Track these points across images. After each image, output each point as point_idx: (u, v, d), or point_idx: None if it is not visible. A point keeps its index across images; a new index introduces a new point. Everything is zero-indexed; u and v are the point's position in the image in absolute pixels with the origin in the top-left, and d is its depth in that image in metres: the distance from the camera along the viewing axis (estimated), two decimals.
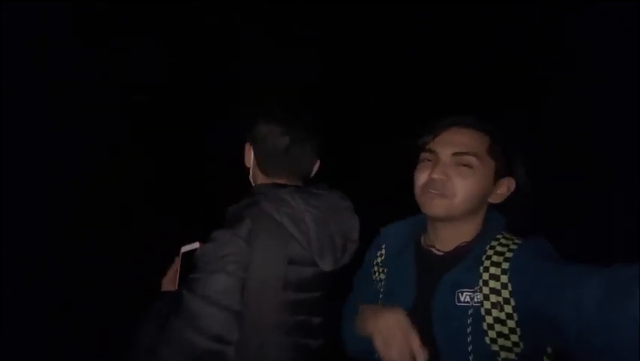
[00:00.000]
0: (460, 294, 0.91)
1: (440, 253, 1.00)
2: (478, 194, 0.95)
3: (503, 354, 0.86)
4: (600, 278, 0.71)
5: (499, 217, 1.01)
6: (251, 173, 1.16)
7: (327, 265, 1.05)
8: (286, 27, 3.56)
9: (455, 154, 0.95)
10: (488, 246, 0.93)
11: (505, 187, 0.98)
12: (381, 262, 1.12)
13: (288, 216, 1.00)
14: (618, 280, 0.68)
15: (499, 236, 0.95)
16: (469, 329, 0.88)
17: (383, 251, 1.13)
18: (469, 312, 0.88)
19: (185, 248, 1.15)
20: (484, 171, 0.95)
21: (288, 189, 1.04)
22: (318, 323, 1.09)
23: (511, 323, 0.85)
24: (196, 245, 1.12)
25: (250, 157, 1.14)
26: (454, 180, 0.94)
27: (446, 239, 1.00)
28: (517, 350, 0.85)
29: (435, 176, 0.94)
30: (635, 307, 0.63)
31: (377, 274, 1.12)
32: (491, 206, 1.01)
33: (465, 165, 0.94)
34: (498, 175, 0.97)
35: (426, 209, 0.97)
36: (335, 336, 1.15)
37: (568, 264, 0.80)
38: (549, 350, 0.92)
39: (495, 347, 0.86)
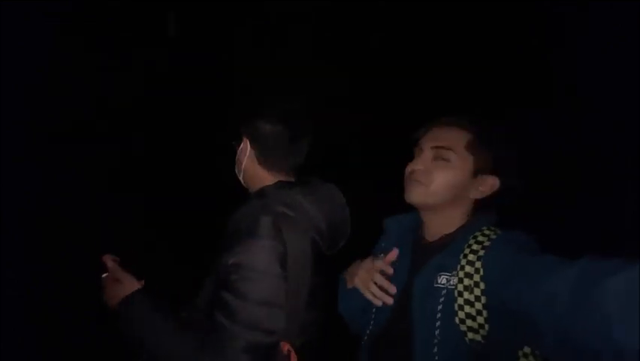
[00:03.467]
0: (439, 277, 0.98)
1: (428, 242, 1.09)
2: (452, 185, 1.03)
3: (470, 335, 0.91)
4: (573, 269, 0.72)
5: (489, 214, 1.07)
6: (247, 172, 1.16)
7: (328, 250, 1.15)
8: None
9: (434, 148, 1.05)
10: (472, 236, 1.00)
11: (488, 185, 1.04)
12: (382, 253, 1.21)
13: (304, 216, 1.07)
14: (590, 271, 0.70)
15: (484, 228, 1.02)
16: (439, 307, 0.95)
17: (384, 243, 1.21)
18: (442, 292, 0.96)
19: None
20: (461, 165, 1.03)
21: (297, 190, 1.10)
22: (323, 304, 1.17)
23: (478, 305, 0.91)
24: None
25: (247, 155, 1.14)
26: (433, 171, 1.04)
27: (432, 229, 1.09)
28: (482, 332, 0.90)
29: (415, 167, 1.06)
30: (604, 300, 0.65)
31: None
32: (481, 203, 1.07)
33: (442, 159, 1.04)
34: (478, 171, 1.03)
35: (406, 196, 1.07)
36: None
37: (545, 257, 0.83)
38: (527, 350, 0.96)
39: (463, 328, 0.92)
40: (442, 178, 1.02)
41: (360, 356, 1.14)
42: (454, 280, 0.95)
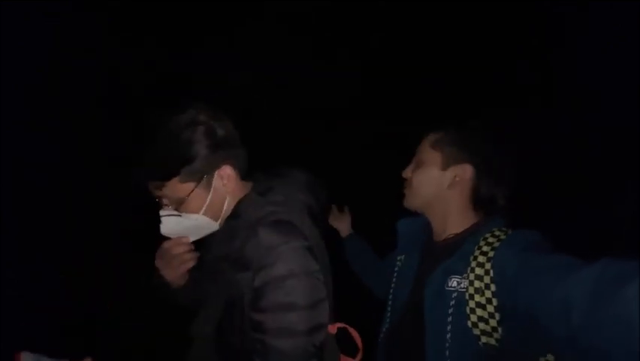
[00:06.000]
0: (449, 280, 0.99)
1: (436, 243, 1.14)
2: (426, 182, 1.12)
3: (484, 338, 0.90)
4: (590, 272, 0.68)
5: (499, 216, 1.10)
6: (220, 202, 1.01)
7: None
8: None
9: (414, 157, 1.19)
10: (482, 238, 1.00)
11: (460, 172, 1.10)
12: (399, 251, 1.29)
13: (309, 215, 1.02)
14: (610, 275, 0.65)
15: (494, 230, 1.03)
16: (450, 311, 0.95)
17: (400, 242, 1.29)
18: (453, 295, 0.95)
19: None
20: (430, 162, 1.13)
21: (295, 188, 1.05)
22: None
23: (490, 308, 0.89)
24: None
25: (228, 181, 1.00)
26: (411, 176, 1.16)
27: (436, 229, 1.14)
28: (496, 335, 0.89)
29: (403, 175, 1.19)
30: (627, 306, 0.60)
31: (398, 262, 1.28)
32: (484, 204, 1.11)
33: (418, 163, 1.16)
34: (448, 164, 1.11)
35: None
36: None
37: (558, 257, 0.80)
38: (549, 357, 0.91)
39: (476, 331, 0.90)
40: (416, 177, 1.14)
41: (377, 352, 1.17)
42: (465, 283, 0.94)
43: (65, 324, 2.51)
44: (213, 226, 1.02)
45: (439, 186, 1.11)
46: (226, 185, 1.00)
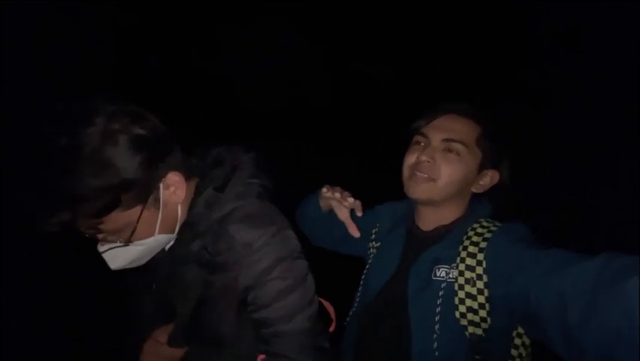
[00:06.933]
0: (437, 269, 0.94)
1: (422, 232, 1.05)
2: (460, 180, 0.98)
3: (471, 329, 0.88)
4: (592, 266, 0.67)
5: (485, 205, 1.05)
6: (173, 212, 0.90)
7: None
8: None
9: (445, 140, 0.98)
10: (470, 227, 0.97)
11: (489, 178, 1.02)
12: (374, 237, 1.18)
13: (269, 196, 0.99)
14: (612, 269, 0.64)
15: (481, 220, 0.99)
16: (438, 301, 0.91)
17: (377, 228, 1.18)
18: (442, 286, 0.92)
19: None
20: (470, 159, 0.98)
21: (248, 173, 0.97)
22: None
23: (481, 299, 0.87)
24: None
25: (175, 181, 0.87)
26: (440, 164, 0.97)
27: (427, 220, 1.04)
28: (484, 325, 0.87)
29: (423, 158, 0.98)
30: (627, 298, 0.59)
31: (371, 249, 1.18)
32: (477, 194, 1.04)
33: (452, 152, 0.97)
34: (483, 166, 1.00)
35: (410, 192, 1.00)
36: None
37: (550, 250, 0.79)
38: (520, 330, 0.92)
39: (464, 322, 0.88)
40: (452, 173, 0.97)
41: (345, 335, 1.10)
42: (454, 273, 0.91)
43: (65, 324, 2.51)
44: (171, 238, 0.93)
45: (467, 186, 1.00)
46: (176, 193, 0.87)
